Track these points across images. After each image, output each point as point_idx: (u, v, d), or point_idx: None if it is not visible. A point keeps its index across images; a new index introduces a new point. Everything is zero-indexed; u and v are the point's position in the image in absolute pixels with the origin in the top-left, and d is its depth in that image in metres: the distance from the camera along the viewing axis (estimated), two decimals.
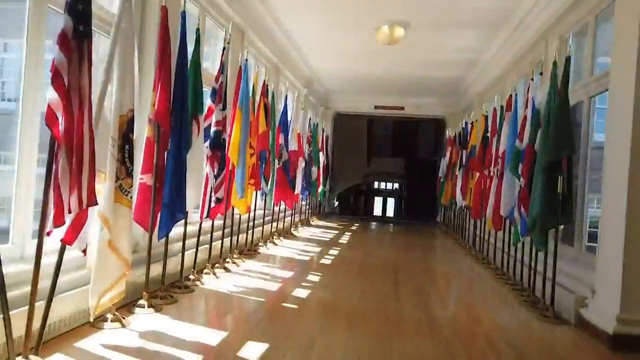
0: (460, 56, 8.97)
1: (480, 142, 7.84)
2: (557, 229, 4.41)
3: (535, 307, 4.59)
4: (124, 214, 3.01)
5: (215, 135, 4.64)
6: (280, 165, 7.53)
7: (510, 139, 5.95)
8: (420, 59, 9.37)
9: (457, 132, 10.98)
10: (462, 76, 10.45)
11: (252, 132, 5.96)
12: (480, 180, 7.71)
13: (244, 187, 5.37)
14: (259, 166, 6.47)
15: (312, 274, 5.62)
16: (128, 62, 2.99)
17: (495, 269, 6.63)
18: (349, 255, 7.21)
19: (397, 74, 10.88)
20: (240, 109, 5.34)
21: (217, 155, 4.70)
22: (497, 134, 6.95)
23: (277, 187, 7.54)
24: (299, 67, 10.17)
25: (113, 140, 2.89)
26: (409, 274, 6.09)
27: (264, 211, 7.31)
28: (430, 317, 4.09)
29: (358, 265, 6.40)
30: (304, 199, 10.61)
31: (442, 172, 12.06)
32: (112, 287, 3.01)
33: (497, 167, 6.45)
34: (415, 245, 9.18)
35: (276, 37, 8.20)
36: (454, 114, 13.45)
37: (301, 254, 6.97)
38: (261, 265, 5.89)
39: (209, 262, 5.05)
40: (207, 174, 4.65)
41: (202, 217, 4.67)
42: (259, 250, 6.82)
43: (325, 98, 14.05)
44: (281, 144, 7.50)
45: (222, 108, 4.73)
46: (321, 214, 13.54)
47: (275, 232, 8.08)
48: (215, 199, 4.81)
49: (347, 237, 9.53)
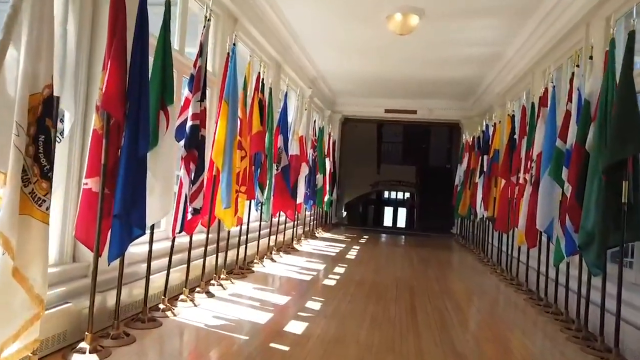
0: (480, 50, 8.07)
1: (506, 146, 6.92)
2: (621, 247, 3.47)
3: (591, 346, 3.65)
4: (37, 232, 2.14)
5: (192, 132, 3.79)
6: (279, 171, 6.67)
7: (548, 139, 5.03)
8: (435, 55, 8.49)
9: (475, 137, 10.08)
10: (481, 74, 9.54)
11: (243, 131, 5.11)
12: (507, 188, 6.79)
13: (231, 195, 4.50)
14: (253, 171, 5.61)
15: (313, 299, 4.72)
16: (46, 17, 2.14)
17: (527, 292, 5.69)
18: (357, 273, 6.29)
19: (408, 73, 10.00)
20: (226, 102, 4.49)
21: (193, 155, 3.84)
22: (528, 135, 6.04)
23: (276, 195, 6.67)
24: (303, 64, 9.34)
25: (18, 127, 2.03)
26: (427, 297, 5.17)
27: (260, 223, 6.42)
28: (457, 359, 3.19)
29: (367, 287, 5.49)
30: (308, 209, 9.72)
31: (459, 180, 11.13)
32: (20, 333, 2.13)
33: (529, 172, 5.53)
34: (431, 260, 8.23)
35: (276, 30, 7.37)
36: (469, 117, 12.54)
37: (302, 273, 6.07)
38: (253, 287, 5.00)
39: (186, 286, 4.18)
40: (181, 178, 3.78)
41: (174, 232, 3.80)
42: (253, 269, 5.93)
43: (332, 101, 13.21)
44: (280, 147, 6.64)
45: (200, 99, 3.88)
46: (327, 225, 12.63)
47: (273, 246, 7.19)
48: (192, 210, 3.94)
49: (355, 251, 8.62)
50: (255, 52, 6.87)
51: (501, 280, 6.51)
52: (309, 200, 9.29)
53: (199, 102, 3.84)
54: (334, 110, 13.48)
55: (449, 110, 12.88)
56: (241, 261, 5.81)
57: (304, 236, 9.50)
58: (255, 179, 5.82)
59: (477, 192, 8.75)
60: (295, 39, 8.18)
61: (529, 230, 5.38)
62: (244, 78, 5.20)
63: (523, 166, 6.06)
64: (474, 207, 9.32)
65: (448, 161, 19.09)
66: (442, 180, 16.88)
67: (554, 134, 4.98)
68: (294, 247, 8.15)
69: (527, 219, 5.37)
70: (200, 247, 4.73)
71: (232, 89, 4.52)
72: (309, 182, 9.05)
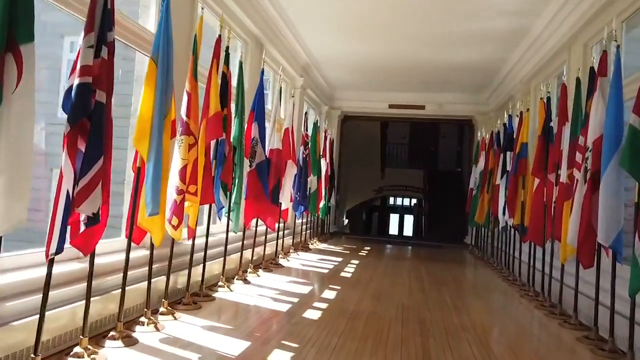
0: (502, 24, 6.68)
1: (540, 137, 5.50)
2: None
3: None
4: None
5: (80, 94, 2.40)
6: (252, 169, 5.27)
7: (611, 117, 3.64)
8: (447, 31, 7.11)
9: (494, 132, 8.66)
10: (501, 56, 8.12)
11: (192, 109, 3.74)
12: (541, 190, 5.39)
13: (159, 197, 3.10)
14: (211, 166, 4.23)
15: (283, 346, 3.30)
16: None
17: (577, 326, 4.26)
18: (351, 300, 4.87)
19: (415, 58, 8.61)
20: (154, 61, 3.11)
21: (81, 130, 2.46)
22: (573, 120, 4.65)
23: (249, 199, 5.28)
24: (292, 47, 7.98)
25: None
26: (445, 336, 3.74)
27: (226, 235, 5.00)
28: None
29: (363, 322, 4.06)
30: (299, 216, 8.30)
31: (475, 183, 9.69)
32: None
33: (581, 166, 4.12)
34: (446, 279, 6.79)
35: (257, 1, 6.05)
36: (484, 113, 11.15)
37: (278, 300, 4.65)
38: (201, 327, 3.58)
39: (84, 334, 2.77)
40: (62, 168, 2.40)
41: (47, 254, 2.38)
42: (214, 295, 4.52)
43: (329, 95, 11.84)
44: (254, 138, 5.26)
45: (96, 45, 2.50)
46: (324, 235, 11.20)
47: (250, 264, 5.78)
48: (86, 219, 2.56)
49: (352, 267, 7.19)
50: (227, 22, 5.48)
51: (538, 308, 5.07)
52: (299, 206, 7.90)
53: (91, 48, 2.46)
54: (332, 106, 12.12)
55: (461, 105, 11.48)
56: (197, 285, 4.41)
57: (293, 249, 8.08)
58: (216, 177, 4.44)
59: (499, 196, 7.32)
60: (282, 13, 6.83)
61: (584, 244, 3.95)
62: (194, 37, 3.84)
63: (566, 160, 4.67)
64: (494, 214, 7.88)
65: (458, 164, 17.69)
66: (452, 185, 15.46)
67: (621, 109, 3.62)
68: (278, 263, 6.73)
69: (581, 228, 3.96)
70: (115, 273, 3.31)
71: (163, 44, 3.14)
72: (298, 185, 7.66)
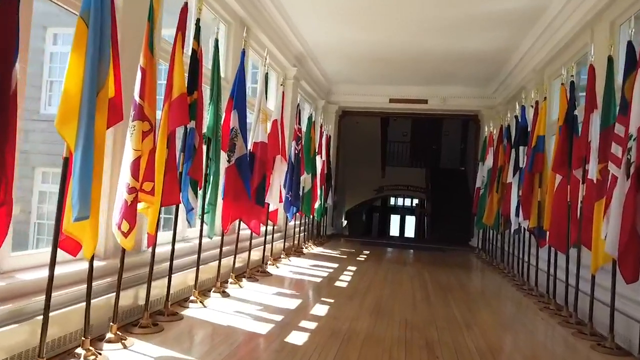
0: (513, 4, 5.99)
1: (562, 127, 4.81)
2: None
3: None
4: None
5: None
6: (232, 164, 4.58)
7: None
8: (452, 16, 6.42)
9: (503, 126, 7.98)
10: (512, 44, 7.43)
11: (146, 89, 3.05)
12: (564, 188, 4.70)
13: (90, 198, 2.40)
14: (175, 160, 3.55)
15: None
16: None
17: (614, 350, 3.57)
18: (345, 317, 4.17)
19: (418, 47, 7.92)
20: (84, 20, 2.41)
21: None
22: (605, 106, 3.96)
23: (227, 199, 4.58)
24: (285, 34, 7.29)
25: None
26: None
27: (200, 240, 4.30)
28: None
29: (358, 348, 3.36)
30: (291, 218, 7.60)
31: (482, 181, 8.99)
32: None
33: (621, 160, 3.42)
34: (453, 288, 6.08)
35: None
36: (491, 107, 10.46)
37: (258, 319, 3.94)
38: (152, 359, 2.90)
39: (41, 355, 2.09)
40: None
41: None
42: (182, 313, 3.82)
43: (326, 89, 11.15)
44: (233, 129, 4.56)
45: None
46: (321, 238, 10.49)
47: (232, 273, 5.08)
48: None
49: (349, 274, 6.49)
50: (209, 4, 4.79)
51: (562, 325, 4.37)
52: (291, 207, 7.21)
53: None
54: (330, 101, 11.42)
55: (466, 99, 10.79)
56: (158, 303, 3.72)
57: (284, 254, 7.38)
58: (184, 173, 3.75)
59: (511, 195, 6.62)
60: None
61: (627, 253, 3.26)
62: (150, 3, 3.14)
63: (597, 153, 3.98)
64: (504, 215, 7.19)
65: (462, 162, 17.00)
66: (456, 184, 14.76)
67: None
68: (266, 271, 6.04)
69: (623, 234, 3.26)
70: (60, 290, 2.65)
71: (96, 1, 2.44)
72: (290, 183, 6.97)
